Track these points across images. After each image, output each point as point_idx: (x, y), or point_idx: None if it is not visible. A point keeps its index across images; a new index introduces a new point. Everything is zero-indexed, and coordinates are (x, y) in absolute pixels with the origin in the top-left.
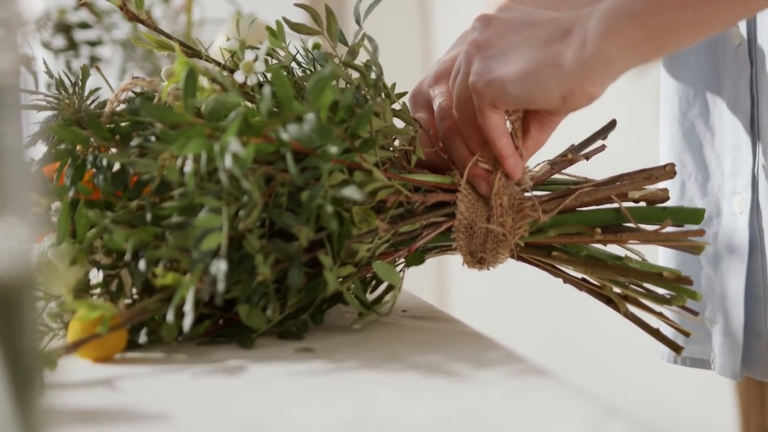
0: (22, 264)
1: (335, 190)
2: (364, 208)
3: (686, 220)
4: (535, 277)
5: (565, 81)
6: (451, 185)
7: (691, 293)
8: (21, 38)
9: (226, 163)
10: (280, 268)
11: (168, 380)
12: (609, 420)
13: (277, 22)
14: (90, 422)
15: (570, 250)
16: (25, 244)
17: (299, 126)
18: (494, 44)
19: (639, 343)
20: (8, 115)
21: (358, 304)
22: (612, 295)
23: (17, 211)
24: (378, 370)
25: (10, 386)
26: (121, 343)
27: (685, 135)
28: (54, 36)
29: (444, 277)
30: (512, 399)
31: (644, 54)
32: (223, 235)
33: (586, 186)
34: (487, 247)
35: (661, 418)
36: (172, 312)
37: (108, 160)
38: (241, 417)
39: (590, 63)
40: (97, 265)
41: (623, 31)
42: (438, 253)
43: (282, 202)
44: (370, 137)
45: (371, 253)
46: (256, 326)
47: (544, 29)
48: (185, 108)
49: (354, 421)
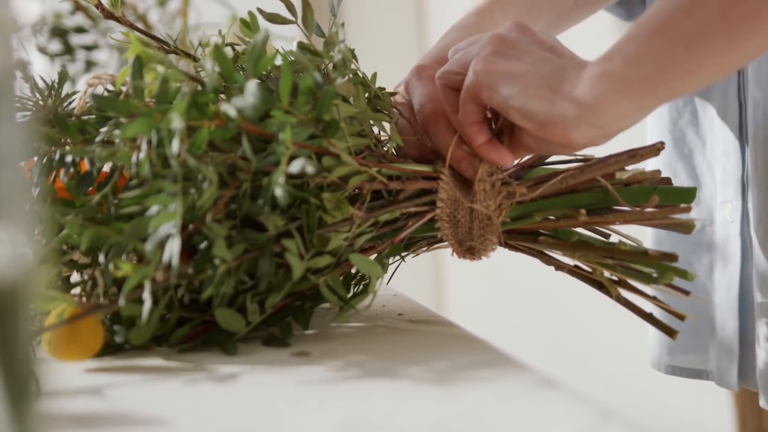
0: (17, 269)
1: (287, 167)
2: (337, 195)
3: (677, 200)
4: (530, 284)
5: (552, 111)
6: (432, 173)
7: (681, 272)
8: (16, 43)
9: (173, 144)
10: (250, 257)
11: (163, 386)
12: (604, 424)
13: (250, 13)
14: (85, 428)
15: (560, 235)
16: (20, 249)
17: (242, 98)
18: (516, 47)
19: (635, 349)
20: (3, 119)
21: (336, 299)
22: (603, 279)
23: (12, 216)
24: (374, 374)
25: (5, 392)
26: (97, 341)
27: (676, 144)
28: (50, 40)
29: (440, 282)
30: (508, 402)
31: (637, 99)
32: (176, 215)
33: (572, 169)
34: (474, 233)
35: (657, 423)
36: (123, 301)
37: (71, 156)
38: (238, 422)
39: (581, 106)
40: (75, 265)
41: (615, 72)
42: (428, 247)
43: (246, 190)
44: (334, 120)
45: (350, 243)
46: (235, 329)
47: (561, 58)
48: (134, 91)
49: (350, 425)
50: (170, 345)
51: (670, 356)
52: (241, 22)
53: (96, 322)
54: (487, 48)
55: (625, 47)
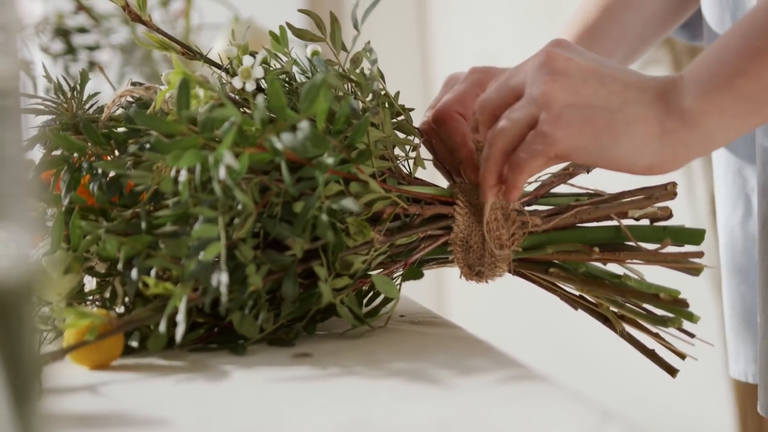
0: (21, 269)
1: (332, 201)
2: (360, 220)
3: (686, 241)
4: (532, 287)
5: (661, 152)
6: (449, 197)
7: (687, 314)
8: (20, 43)
9: (220, 174)
10: (274, 278)
11: (166, 386)
12: (606, 425)
13: (281, 28)
14: (88, 427)
15: (568, 266)
16: (24, 250)
17: (293, 135)
18: (578, 92)
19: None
20: (7, 120)
21: (351, 318)
22: (608, 314)
23: (15, 216)
24: (376, 375)
25: (9, 391)
26: (118, 349)
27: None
28: (52, 40)
29: (442, 284)
30: (510, 404)
31: (749, 126)
32: (221, 246)
33: (585, 204)
34: (484, 261)
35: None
36: (164, 323)
37: (103, 168)
38: (239, 422)
39: (691, 140)
40: (93, 273)
41: (728, 109)
42: (436, 266)
43: (276, 213)
44: (367, 149)
45: (367, 265)
46: (249, 335)
47: (629, 89)
48: (179, 119)
49: (352, 426)
50: (182, 347)
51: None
52: (272, 36)
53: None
54: (548, 102)
55: (733, 79)
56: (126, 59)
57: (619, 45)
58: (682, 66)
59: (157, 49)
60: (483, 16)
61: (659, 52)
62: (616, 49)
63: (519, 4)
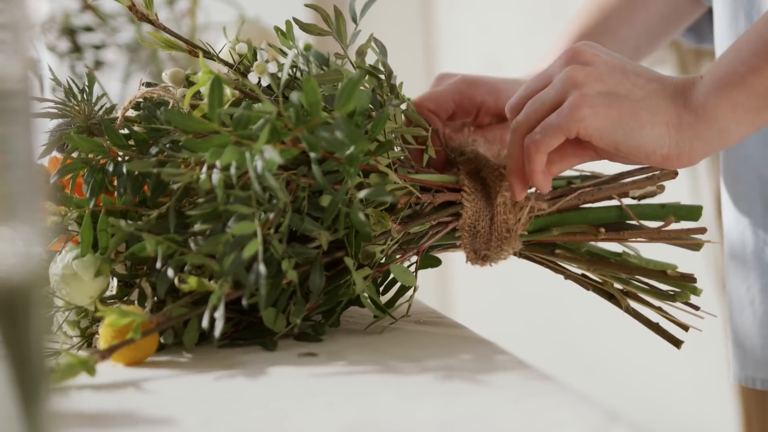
0: (29, 268)
1: (366, 194)
2: (378, 210)
3: (685, 217)
4: (537, 287)
5: (678, 143)
6: (456, 184)
7: (691, 288)
8: (28, 42)
9: (258, 169)
10: (300, 271)
11: (171, 384)
12: (611, 425)
13: (287, 22)
14: (94, 426)
15: (571, 246)
16: (32, 249)
17: (329, 131)
18: (604, 80)
19: (641, 353)
20: (16, 119)
21: (374, 308)
22: (613, 290)
23: (24, 215)
24: (381, 375)
25: (17, 390)
26: (153, 346)
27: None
28: (59, 39)
29: (447, 286)
30: (515, 404)
31: (762, 121)
32: (258, 243)
33: (588, 186)
34: (491, 245)
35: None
36: (207, 319)
37: (130, 169)
38: (244, 421)
39: (706, 134)
40: (116, 275)
41: (741, 104)
42: (441, 251)
43: (303, 207)
44: (387, 140)
45: (384, 254)
46: (279, 330)
47: (651, 83)
48: (211, 118)
49: (357, 426)
50: (207, 343)
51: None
52: (278, 32)
53: None
54: (577, 84)
55: (746, 76)
56: (132, 58)
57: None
58: (687, 66)
59: (162, 49)
60: (488, 15)
61: (664, 53)
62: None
63: (524, 4)
